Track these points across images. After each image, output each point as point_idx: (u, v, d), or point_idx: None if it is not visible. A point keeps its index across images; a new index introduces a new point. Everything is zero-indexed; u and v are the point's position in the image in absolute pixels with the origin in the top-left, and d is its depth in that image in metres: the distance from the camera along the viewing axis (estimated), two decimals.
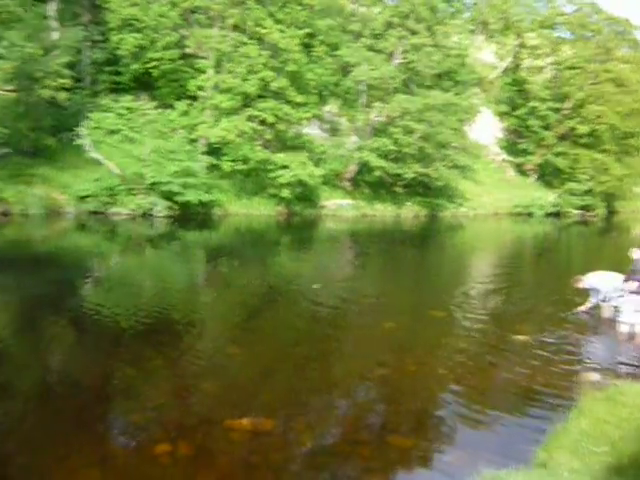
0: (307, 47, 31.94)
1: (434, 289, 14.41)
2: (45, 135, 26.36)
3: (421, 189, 34.85)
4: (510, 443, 5.83)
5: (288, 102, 29.45)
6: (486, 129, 40.07)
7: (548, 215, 36.22)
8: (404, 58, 34.75)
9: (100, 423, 6.42)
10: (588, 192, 36.87)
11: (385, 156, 32.09)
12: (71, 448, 5.65)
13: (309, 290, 13.01)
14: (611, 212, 38.72)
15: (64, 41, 28.38)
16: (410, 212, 33.87)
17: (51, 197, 24.35)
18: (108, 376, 7.76)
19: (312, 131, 33.79)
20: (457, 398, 7.12)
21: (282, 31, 28.72)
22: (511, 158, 41.70)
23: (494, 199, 37.05)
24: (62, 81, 26.55)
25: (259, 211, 28.30)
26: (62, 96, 26.96)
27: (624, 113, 36.87)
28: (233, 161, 27.77)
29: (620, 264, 11.19)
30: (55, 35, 29.87)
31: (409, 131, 31.83)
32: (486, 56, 43.64)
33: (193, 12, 29.69)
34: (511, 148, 42.10)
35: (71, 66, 28.58)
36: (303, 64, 30.05)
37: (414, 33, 34.25)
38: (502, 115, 42.17)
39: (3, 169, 23.43)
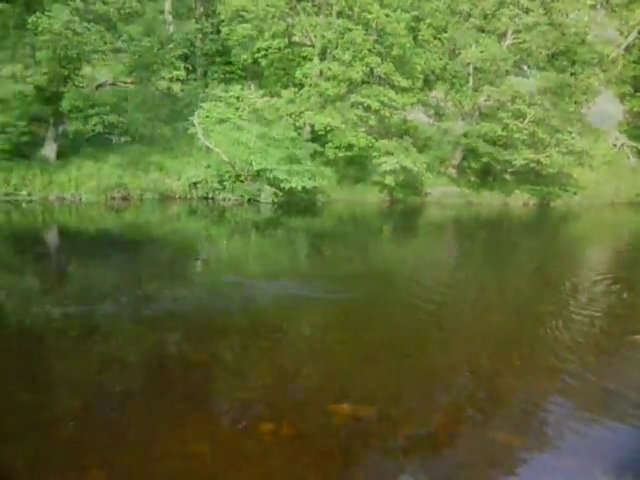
0: (413, 30, 31.17)
1: (543, 282, 13.66)
2: (161, 124, 27.88)
3: (532, 176, 33.11)
4: (628, 452, 5.42)
5: (393, 87, 28.95)
6: (606, 112, 36.76)
7: None
8: (516, 38, 32.99)
9: (209, 398, 6.71)
10: None
11: (494, 142, 30.77)
12: (183, 420, 5.97)
13: (413, 279, 12.85)
14: None
15: (178, 34, 29.83)
16: (519, 200, 32.33)
17: (165, 183, 25.74)
18: (218, 354, 8.12)
19: (417, 116, 32.97)
20: (567, 398, 6.75)
21: (388, 15, 28.22)
22: (633, 143, 38.85)
23: (612, 187, 34.96)
24: (177, 73, 27.99)
25: (362, 198, 28.16)
26: (176, 87, 28.40)
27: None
28: (337, 148, 27.76)
29: None
30: (170, 29, 31.47)
31: (519, 115, 30.26)
32: (608, 33, 39.69)
33: (299, 0, 29.98)
34: (633, 132, 39.30)
35: (185, 58, 30.00)
36: (409, 48, 29.34)
37: (528, 11, 32.36)
38: (625, 96, 39.20)
39: (124, 156, 25.07)
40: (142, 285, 11.23)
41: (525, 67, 33.17)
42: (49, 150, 24.63)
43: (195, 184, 25.77)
